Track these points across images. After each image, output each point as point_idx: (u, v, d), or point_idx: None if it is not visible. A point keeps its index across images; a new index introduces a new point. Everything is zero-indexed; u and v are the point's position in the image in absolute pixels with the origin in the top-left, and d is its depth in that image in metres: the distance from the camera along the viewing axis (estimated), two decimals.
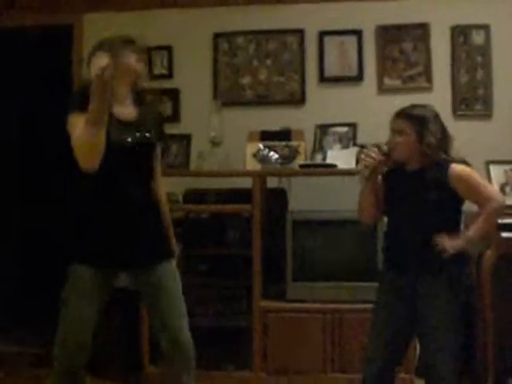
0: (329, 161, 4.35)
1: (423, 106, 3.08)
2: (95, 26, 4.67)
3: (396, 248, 3.03)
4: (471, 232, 2.91)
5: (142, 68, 2.98)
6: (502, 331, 4.01)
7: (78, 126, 2.67)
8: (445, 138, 3.01)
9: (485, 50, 4.62)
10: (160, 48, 4.80)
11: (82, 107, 2.65)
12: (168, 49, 4.86)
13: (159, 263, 3.00)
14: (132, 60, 2.92)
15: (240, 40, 4.85)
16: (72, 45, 4.93)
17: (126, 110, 2.97)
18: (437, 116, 3.03)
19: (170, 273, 3.01)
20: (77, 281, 2.91)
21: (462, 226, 3.18)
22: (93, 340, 2.96)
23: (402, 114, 3.01)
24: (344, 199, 4.13)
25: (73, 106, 2.77)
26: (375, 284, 3.16)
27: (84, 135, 2.64)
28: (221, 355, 4.21)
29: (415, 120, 2.96)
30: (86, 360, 2.97)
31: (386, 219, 3.20)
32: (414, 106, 3.05)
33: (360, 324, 3.79)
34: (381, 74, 4.72)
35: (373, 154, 2.98)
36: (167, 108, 4.77)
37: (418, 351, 3.98)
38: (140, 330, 4.12)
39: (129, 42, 2.96)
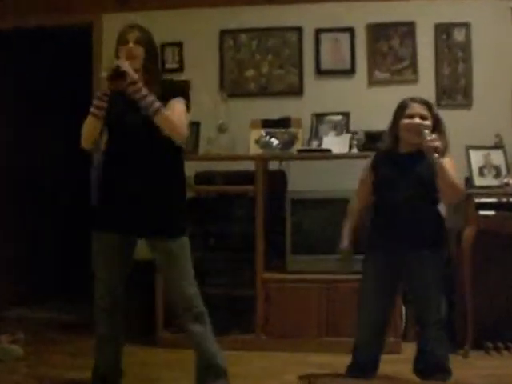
0: (324, 146, 4.41)
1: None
2: (114, 26, 4.45)
3: (390, 229, 3.07)
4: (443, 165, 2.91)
5: (140, 50, 2.99)
6: (480, 299, 4.09)
7: None
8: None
9: (465, 46, 4.67)
10: (172, 44, 4.85)
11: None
12: (179, 45, 4.89)
13: (166, 238, 3.09)
14: (129, 45, 2.97)
15: (244, 37, 4.88)
16: (91, 44, 4.91)
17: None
18: None
19: (176, 249, 3.10)
20: (100, 247, 3.12)
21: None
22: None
23: (424, 102, 3.09)
24: (337, 180, 4.24)
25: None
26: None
27: (85, 123, 3.00)
28: (227, 321, 4.25)
29: (432, 110, 3.10)
30: (114, 320, 3.18)
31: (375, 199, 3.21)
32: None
33: (352, 293, 3.75)
34: (371, 67, 4.77)
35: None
36: None
37: (404, 317, 4.06)
38: (154, 297, 4.20)
39: (131, 27, 3.03)
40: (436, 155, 2.87)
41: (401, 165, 3.06)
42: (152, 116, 2.92)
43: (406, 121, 3.04)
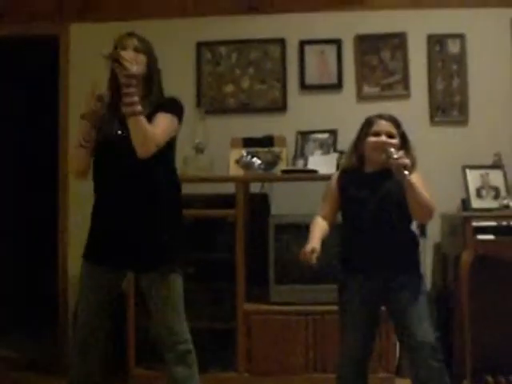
0: (310, 166, 4.38)
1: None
2: (81, 37, 4.67)
3: (361, 253, 3.00)
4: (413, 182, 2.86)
5: (141, 58, 2.93)
6: (479, 329, 4.04)
7: None
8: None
9: (460, 59, 4.67)
10: None
11: None
12: None
13: (152, 270, 2.95)
14: (130, 51, 2.90)
15: (222, 49, 4.87)
16: (58, 55, 4.88)
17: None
18: None
19: (160, 282, 2.96)
20: (84, 277, 3.00)
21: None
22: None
23: (391, 119, 3.05)
24: None
25: None
26: None
27: (72, 152, 3.05)
28: (205, 357, 3.98)
29: (400, 127, 3.03)
30: (89, 357, 2.97)
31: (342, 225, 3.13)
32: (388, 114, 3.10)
33: None
34: (360, 81, 4.76)
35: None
36: None
37: (398, 351, 4.04)
38: (126, 332, 4.10)
39: (129, 35, 2.97)
40: (405, 172, 2.84)
41: (369, 184, 3.02)
42: (127, 116, 2.78)
43: (372, 139, 3.00)
